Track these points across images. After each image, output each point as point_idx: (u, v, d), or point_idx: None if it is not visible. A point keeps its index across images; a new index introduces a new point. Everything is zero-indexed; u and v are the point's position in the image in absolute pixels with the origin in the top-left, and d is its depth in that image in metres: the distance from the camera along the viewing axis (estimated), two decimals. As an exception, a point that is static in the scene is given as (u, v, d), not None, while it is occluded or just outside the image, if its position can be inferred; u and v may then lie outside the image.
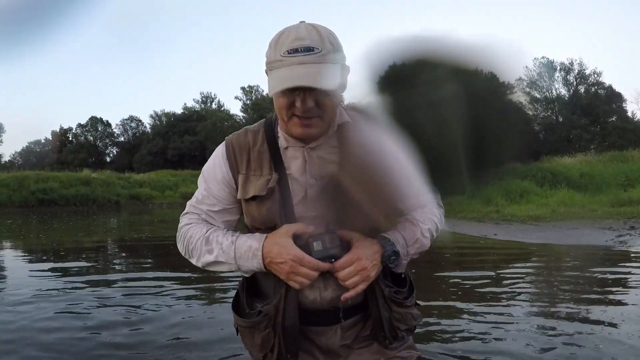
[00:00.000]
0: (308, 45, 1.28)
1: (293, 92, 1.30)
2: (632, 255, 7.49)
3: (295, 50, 1.28)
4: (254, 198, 1.43)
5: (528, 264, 7.31)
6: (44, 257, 8.99)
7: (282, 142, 1.47)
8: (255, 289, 1.53)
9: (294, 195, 1.42)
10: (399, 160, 1.22)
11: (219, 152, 1.53)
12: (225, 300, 5.17)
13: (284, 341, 1.40)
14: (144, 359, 3.46)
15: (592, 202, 14.62)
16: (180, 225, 1.56)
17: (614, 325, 3.93)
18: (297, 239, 1.35)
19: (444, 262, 7.06)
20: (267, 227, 1.42)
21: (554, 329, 3.90)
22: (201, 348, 3.65)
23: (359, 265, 1.34)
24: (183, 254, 1.53)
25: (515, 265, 7.19)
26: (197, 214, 1.52)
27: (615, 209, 13.15)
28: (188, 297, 5.34)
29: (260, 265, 1.36)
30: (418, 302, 1.62)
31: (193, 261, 1.50)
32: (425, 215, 1.51)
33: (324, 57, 1.29)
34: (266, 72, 1.38)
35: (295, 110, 1.33)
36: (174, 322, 4.33)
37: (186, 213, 1.56)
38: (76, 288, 5.85)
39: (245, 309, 1.51)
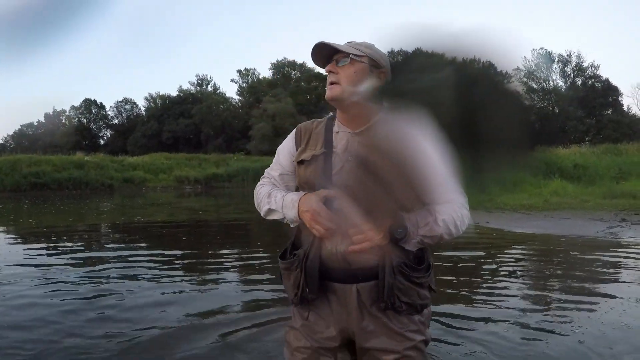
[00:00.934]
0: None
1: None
2: (621, 246, 7.54)
3: None
4: (302, 162, 1.86)
5: (517, 252, 7.34)
6: (33, 241, 8.99)
7: (335, 128, 1.87)
8: (299, 242, 1.87)
9: (334, 167, 1.79)
10: (428, 155, 1.36)
11: (291, 133, 1.99)
12: (211, 280, 5.21)
13: (305, 278, 1.76)
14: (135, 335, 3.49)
15: (585, 193, 14.71)
16: (256, 185, 2.00)
17: (594, 312, 4.10)
18: (327, 200, 1.67)
19: (439, 248, 7.10)
20: (309, 188, 1.80)
21: (530, 313, 3.99)
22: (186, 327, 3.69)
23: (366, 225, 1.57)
24: (256, 207, 1.95)
25: (505, 252, 7.25)
26: (268, 179, 1.99)
27: (607, 201, 13.23)
28: (177, 276, 5.38)
29: (295, 214, 1.74)
30: (433, 287, 1.82)
31: (260, 211, 1.92)
32: (445, 209, 1.67)
33: (349, 44, 1.78)
34: None
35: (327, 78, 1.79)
36: (163, 301, 4.45)
37: (263, 177, 2.02)
38: (62, 269, 5.88)
39: (288, 256, 1.88)
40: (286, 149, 1.96)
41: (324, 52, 1.78)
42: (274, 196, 1.85)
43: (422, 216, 1.65)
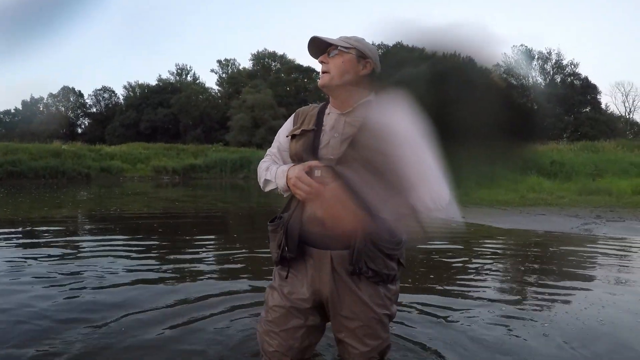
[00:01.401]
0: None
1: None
2: (596, 242, 7.67)
3: None
4: (294, 136, 2.11)
5: (493, 246, 7.41)
6: (7, 229, 8.84)
7: (327, 110, 2.10)
8: (288, 208, 2.11)
9: (322, 142, 2.02)
10: (404, 132, 1.51)
11: (292, 115, 2.24)
12: (183, 268, 5.18)
13: (285, 238, 2.01)
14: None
15: (561, 190, 14.90)
16: (259, 162, 2.24)
17: (568, 306, 4.17)
18: (310, 170, 1.92)
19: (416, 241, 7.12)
20: (298, 160, 2.04)
21: (504, 307, 4.04)
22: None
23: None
24: (258, 180, 2.19)
25: (481, 246, 7.31)
26: (269, 156, 2.23)
27: (583, 197, 13.43)
28: (149, 265, 5.34)
29: (284, 182, 1.99)
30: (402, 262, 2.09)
31: (260, 184, 2.17)
32: (421, 183, 1.74)
33: (341, 38, 2.00)
34: None
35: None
36: (133, 288, 4.42)
37: (266, 155, 2.26)
38: (34, 256, 5.80)
39: (276, 220, 2.13)
40: (285, 128, 2.22)
41: (319, 46, 2.02)
42: (270, 169, 2.12)
43: (397, 186, 1.74)
